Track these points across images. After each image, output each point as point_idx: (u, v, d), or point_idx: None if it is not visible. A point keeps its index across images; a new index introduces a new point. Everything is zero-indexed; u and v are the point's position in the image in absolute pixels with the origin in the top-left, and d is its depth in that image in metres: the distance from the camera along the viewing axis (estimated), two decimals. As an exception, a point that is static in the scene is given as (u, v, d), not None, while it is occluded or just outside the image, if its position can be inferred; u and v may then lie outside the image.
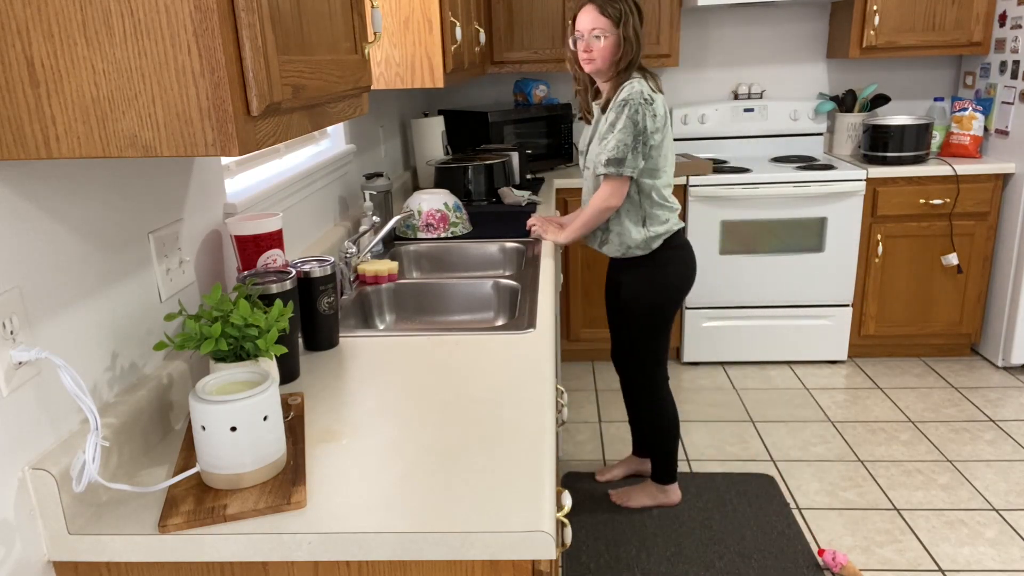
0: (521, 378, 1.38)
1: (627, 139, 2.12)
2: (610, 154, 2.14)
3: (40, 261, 0.98)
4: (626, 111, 2.12)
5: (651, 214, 2.27)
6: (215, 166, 1.47)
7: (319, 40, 1.04)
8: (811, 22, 3.86)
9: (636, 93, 2.12)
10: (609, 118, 2.16)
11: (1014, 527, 2.44)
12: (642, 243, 2.28)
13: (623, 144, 2.13)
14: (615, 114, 2.14)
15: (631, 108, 2.11)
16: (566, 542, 1.19)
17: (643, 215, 2.27)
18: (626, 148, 2.13)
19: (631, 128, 2.12)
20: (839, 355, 3.67)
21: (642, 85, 2.14)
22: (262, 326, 1.16)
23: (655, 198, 2.27)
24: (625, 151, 2.13)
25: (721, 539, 2.41)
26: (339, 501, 1.01)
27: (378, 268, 1.99)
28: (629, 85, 2.15)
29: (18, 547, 0.94)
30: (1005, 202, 3.45)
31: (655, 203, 2.27)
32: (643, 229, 2.28)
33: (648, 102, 2.13)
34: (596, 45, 2.16)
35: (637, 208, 2.27)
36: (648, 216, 2.27)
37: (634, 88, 2.13)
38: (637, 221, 2.28)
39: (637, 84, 2.14)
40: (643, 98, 2.12)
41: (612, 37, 2.15)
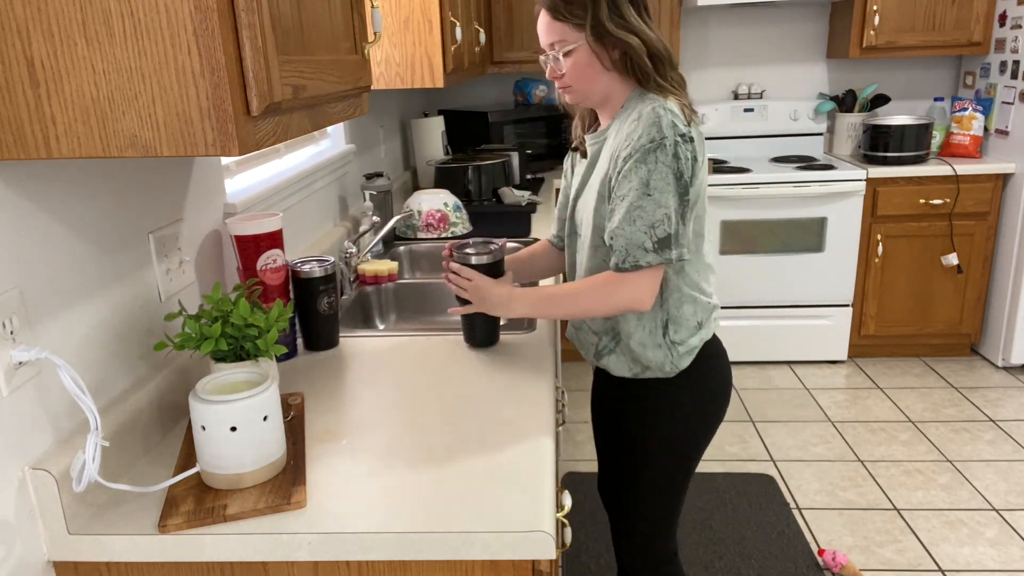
0: (521, 378, 1.38)
1: (671, 202, 1.30)
2: (658, 231, 1.30)
3: (40, 261, 0.98)
4: (660, 158, 1.29)
5: (676, 315, 1.42)
6: (215, 166, 1.47)
7: (319, 40, 1.04)
8: (811, 22, 3.86)
9: (667, 124, 1.29)
10: (636, 173, 1.30)
11: (1014, 527, 2.44)
12: (664, 362, 1.43)
13: (672, 211, 1.30)
14: (645, 168, 1.29)
15: (666, 152, 1.29)
16: (566, 542, 1.19)
17: (663, 319, 1.42)
18: (676, 218, 1.31)
19: (674, 184, 1.30)
20: (839, 355, 3.67)
21: (673, 109, 1.32)
22: (262, 326, 1.16)
23: (684, 288, 1.41)
24: (676, 223, 1.31)
25: (721, 539, 2.41)
26: (339, 501, 1.01)
27: (378, 268, 1.99)
28: (652, 111, 1.31)
29: (18, 547, 0.94)
30: (1005, 202, 3.45)
31: (685, 296, 1.42)
32: (663, 341, 1.42)
33: (686, 138, 1.31)
34: (561, 67, 1.39)
35: (656, 307, 1.41)
36: (672, 319, 1.41)
37: (663, 115, 1.30)
38: (654, 327, 1.42)
39: (664, 108, 1.31)
40: (679, 134, 1.30)
41: (581, 49, 1.36)
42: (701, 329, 1.44)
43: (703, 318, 1.45)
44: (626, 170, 1.31)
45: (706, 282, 1.46)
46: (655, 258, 1.31)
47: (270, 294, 1.44)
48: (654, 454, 1.51)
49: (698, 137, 1.35)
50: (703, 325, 1.45)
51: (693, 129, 1.34)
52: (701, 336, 1.44)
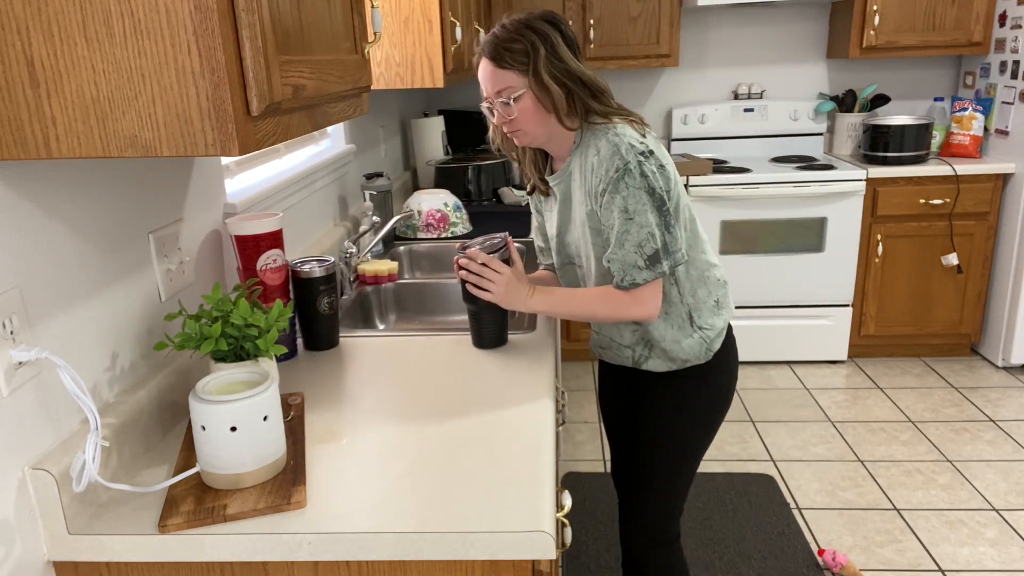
0: (522, 378, 1.38)
1: (651, 218, 1.38)
2: (648, 249, 1.39)
3: (40, 261, 0.98)
4: (629, 182, 1.37)
5: (697, 303, 1.53)
6: (215, 166, 1.47)
7: (319, 40, 1.04)
8: (811, 22, 3.86)
9: (626, 149, 1.38)
10: (614, 205, 1.39)
11: (1014, 527, 2.44)
12: (700, 350, 1.53)
13: (650, 228, 1.38)
14: (620, 198, 1.38)
15: (632, 175, 1.37)
16: (566, 542, 1.19)
17: (686, 311, 1.52)
18: (660, 231, 1.39)
19: (648, 201, 1.38)
20: (839, 355, 3.67)
21: (626, 132, 1.41)
22: (262, 326, 1.16)
23: (692, 273, 1.53)
24: (661, 236, 1.39)
25: (721, 539, 2.41)
26: (339, 501, 1.01)
27: (378, 268, 1.99)
28: (607, 141, 1.40)
29: (18, 547, 0.94)
30: (1005, 202, 3.45)
31: (695, 281, 1.53)
32: (691, 331, 1.52)
33: (645, 153, 1.39)
34: (510, 112, 1.44)
35: (678, 304, 1.52)
36: (694, 309, 1.52)
37: (620, 142, 1.39)
38: (682, 322, 1.52)
39: (617, 135, 1.40)
40: (638, 153, 1.38)
41: (527, 94, 1.42)
42: (721, 308, 1.56)
43: (719, 295, 1.56)
44: (605, 203, 1.41)
45: (704, 253, 1.56)
46: (649, 274, 1.41)
47: (270, 294, 1.44)
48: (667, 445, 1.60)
49: (656, 146, 1.43)
50: (721, 303, 1.56)
51: (650, 141, 1.42)
52: (724, 316, 1.56)
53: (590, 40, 3.59)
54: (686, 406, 1.58)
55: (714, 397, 1.59)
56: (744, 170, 3.55)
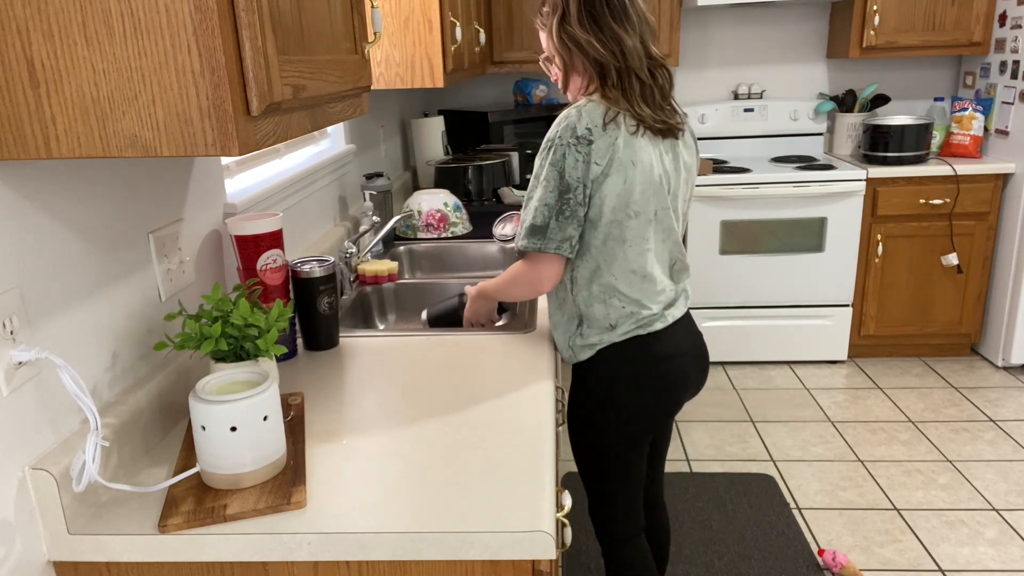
0: (521, 378, 1.38)
1: (549, 197, 1.40)
2: (529, 219, 1.43)
3: (40, 261, 0.98)
4: (549, 156, 1.40)
5: (589, 314, 1.49)
6: (215, 166, 1.47)
7: (319, 40, 1.04)
8: (811, 22, 3.86)
9: (566, 129, 1.39)
10: (535, 167, 1.46)
11: (1014, 527, 2.44)
12: (564, 348, 1.56)
13: (543, 205, 1.40)
14: (538, 162, 1.44)
15: (555, 150, 1.39)
16: (566, 542, 1.19)
17: (577, 312, 1.51)
18: (548, 210, 1.40)
19: (555, 180, 1.39)
20: (839, 355, 3.67)
21: (584, 115, 1.39)
22: (262, 326, 1.16)
23: (597, 292, 1.47)
24: (547, 215, 1.40)
25: (721, 539, 2.41)
26: (339, 501, 1.01)
27: (378, 268, 1.99)
28: (563, 115, 1.42)
29: (18, 547, 0.94)
30: (1005, 202, 3.45)
31: (597, 297, 1.48)
32: (573, 331, 1.53)
33: (583, 141, 1.37)
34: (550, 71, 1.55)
35: (571, 302, 1.51)
36: (585, 316, 1.50)
37: (567, 122, 1.40)
38: (571, 317, 1.52)
39: (575, 110, 1.41)
40: (574, 136, 1.37)
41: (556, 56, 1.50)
42: (613, 330, 1.49)
43: (616, 321, 1.49)
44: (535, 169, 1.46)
45: (629, 287, 1.47)
46: (524, 244, 1.44)
47: (270, 294, 1.44)
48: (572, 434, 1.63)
49: (606, 143, 1.38)
50: (616, 327, 1.49)
51: (602, 134, 1.38)
52: (609, 337, 1.49)
53: (590, 40, 3.58)
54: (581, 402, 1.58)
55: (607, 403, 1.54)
56: (744, 170, 3.55)
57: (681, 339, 1.55)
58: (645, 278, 1.48)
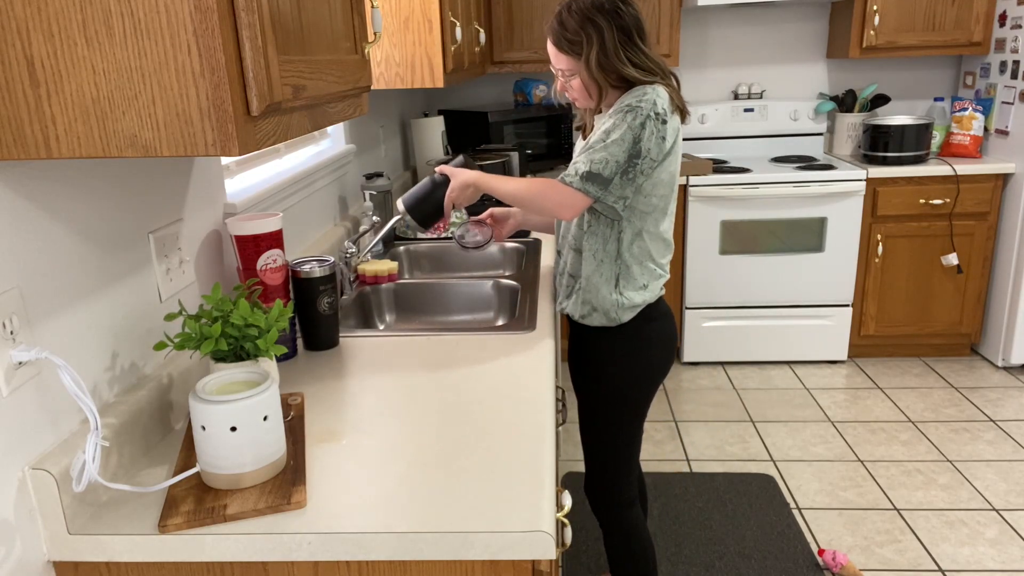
0: (521, 378, 1.38)
1: (620, 155, 1.52)
2: (594, 166, 1.53)
3: (40, 261, 0.98)
4: (628, 119, 1.52)
5: (629, 274, 1.65)
6: (215, 166, 1.47)
7: (319, 40, 1.04)
8: (811, 22, 3.86)
9: (649, 103, 1.52)
10: (605, 124, 1.56)
11: (1014, 527, 2.44)
12: (610, 310, 1.67)
13: (613, 161, 1.52)
14: (613, 120, 1.54)
15: (636, 117, 1.52)
16: (566, 542, 1.19)
17: (616, 272, 1.65)
18: (616, 167, 1.52)
19: (630, 143, 1.52)
20: (839, 355, 3.67)
21: (660, 96, 1.55)
22: (262, 326, 1.16)
23: (637, 253, 1.64)
24: (615, 170, 1.52)
25: (721, 539, 2.41)
26: (339, 501, 1.01)
27: (378, 268, 1.99)
28: (642, 91, 1.55)
29: (18, 547, 0.94)
30: (1005, 202, 3.45)
31: (637, 259, 1.64)
32: (614, 291, 1.66)
33: (660, 119, 1.53)
34: (570, 86, 1.66)
35: (612, 261, 1.65)
36: (623, 275, 1.65)
37: (647, 96, 1.53)
38: (608, 278, 1.66)
39: (653, 93, 1.54)
40: (655, 111, 1.52)
41: (581, 74, 1.61)
42: (645, 291, 1.67)
43: (648, 281, 1.67)
44: (601, 122, 1.58)
45: (658, 253, 1.68)
46: (578, 183, 1.54)
47: (270, 294, 1.44)
48: (602, 400, 1.73)
49: (673, 125, 1.58)
50: (647, 287, 1.67)
51: (671, 117, 1.57)
52: (644, 297, 1.67)
53: (590, 40, 3.59)
54: (614, 366, 1.70)
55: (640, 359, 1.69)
56: (744, 170, 3.55)
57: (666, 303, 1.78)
58: (667, 245, 1.70)
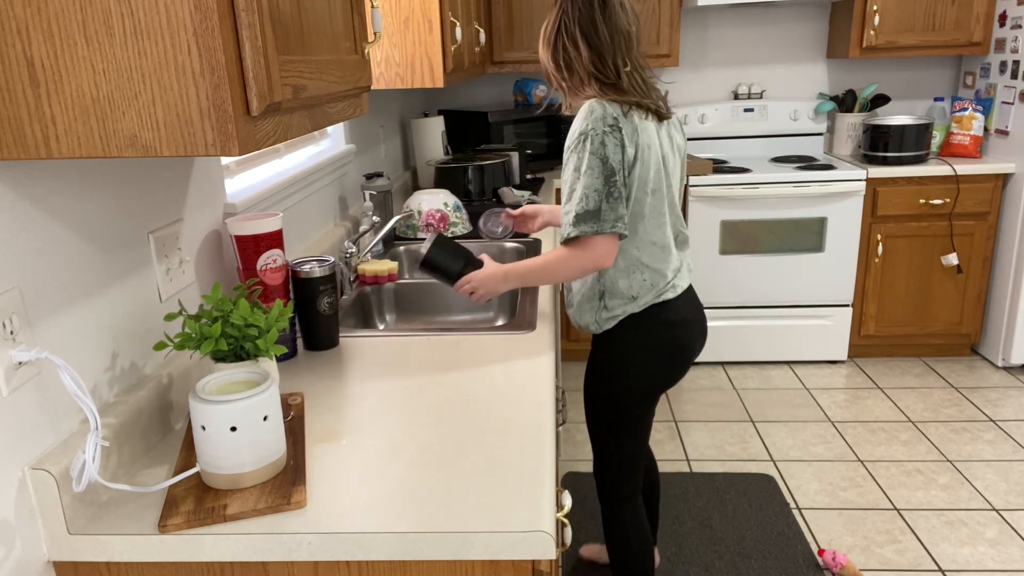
0: (521, 378, 1.38)
1: (596, 183, 1.51)
2: (578, 206, 1.52)
3: (40, 261, 0.98)
4: (588, 147, 1.51)
5: (614, 288, 1.64)
6: (215, 166, 1.47)
7: (319, 40, 1.04)
8: (811, 22, 3.87)
9: (596, 119, 1.51)
10: (571, 162, 1.55)
11: (1014, 527, 2.44)
12: (591, 323, 1.70)
13: (591, 191, 1.51)
14: (576, 156, 1.54)
15: (592, 141, 1.51)
16: (566, 542, 1.19)
17: (601, 288, 1.66)
18: (598, 196, 1.51)
19: (599, 167, 1.51)
20: (839, 355, 3.67)
21: (602, 107, 1.52)
22: (262, 326, 1.16)
23: (623, 266, 1.63)
24: (598, 200, 1.51)
25: (721, 539, 2.41)
26: (339, 501, 1.01)
27: (378, 268, 1.99)
28: (587, 109, 1.54)
29: (18, 547, 0.94)
30: (1005, 202, 3.45)
31: (624, 272, 1.63)
32: (596, 305, 1.67)
33: (613, 128, 1.51)
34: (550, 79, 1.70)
35: (595, 279, 1.67)
36: (608, 291, 1.65)
37: (593, 113, 1.52)
38: (593, 294, 1.68)
39: (598, 106, 1.53)
40: (606, 125, 1.51)
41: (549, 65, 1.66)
42: (634, 301, 1.65)
43: (638, 292, 1.65)
44: (567, 159, 1.58)
45: (653, 259, 1.64)
46: (579, 230, 1.53)
47: (270, 294, 1.44)
48: (588, 401, 1.78)
49: (630, 127, 1.54)
50: (637, 298, 1.65)
51: (626, 122, 1.54)
52: (627, 309, 1.66)
53: (590, 40, 3.59)
54: (601, 370, 1.73)
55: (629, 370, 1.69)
56: (744, 170, 3.55)
57: (687, 309, 1.72)
58: (664, 248, 1.66)
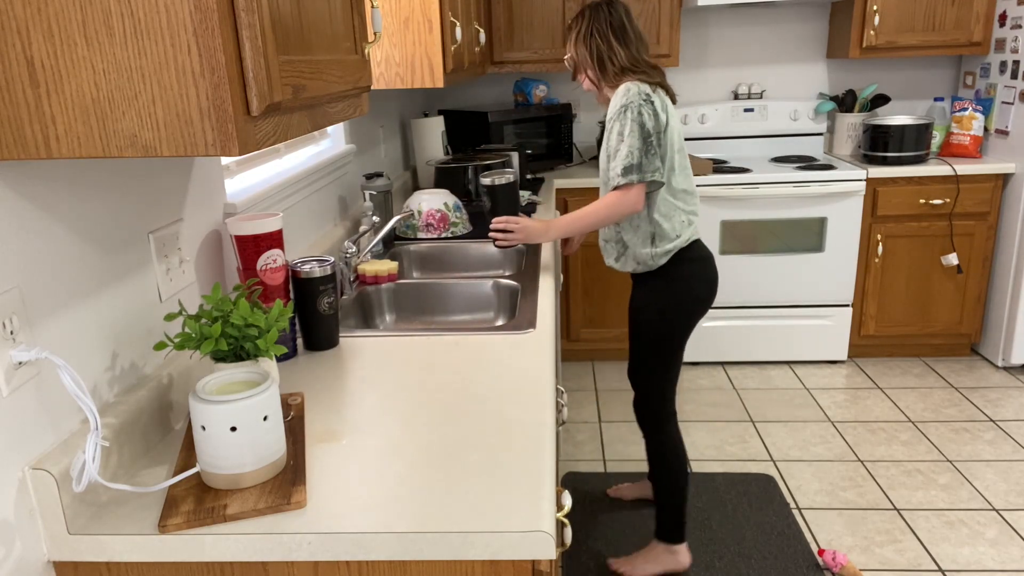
0: (521, 378, 1.38)
1: (637, 142, 1.95)
2: (624, 162, 1.96)
3: (40, 261, 0.98)
4: (629, 116, 1.96)
5: (660, 230, 2.06)
6: (215, 166, 1.47)
7: (319, 40, 1.04)
8: (811, 22, 3.87)
9: (634, 95, 1.96)
10: (615, 129, 1.99)
11: (1014, 527, 2.44)
12: (648, 259, 2.09)
13: (634, 149, 1.95)
14: (619, 123, 1.98)
15: (632, 111, 1.96)
16: (566, 542, 1.19)
17: (651, 232, 2.07)
18: (639, 152, 1.95)
19: (638, 131, 1.95)
20: (839, 355, 3.67)
21: (639, 85, 1.99)
22: (262, 326, 1.16)
23: (665, 210, 2.06)
24: (639, 155, 1.95)
25: (721, 539, 2.41)
26: (339, 501, 1.01)
27: (378, 268, 1.99)
28: (625, 89, 1.99)
29: (18, 547, 0.94)
30: (1005, 202, 3.45)
31: (664, 215, 2.06)
32: (650, 247, 2.08)
33: (648, 101, 1.96)
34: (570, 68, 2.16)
35: (646, 222, 2.07)
36: (657, 233, 2.06)
37: (630, 91, 1.98)
38: (645, 238, 2.08)
39: (633, 85, 1.99)
40: (642, 98, 1.96)
41: (576, 57, 2.10)
42: (679, 239, 2.08)
43: (680, 231, 2.08)
44: (609, 129, 2.03)
45: (684, 202, 2.09)
46: (622, 180, 1.97)
47: (270, 294, 1.44)
48: (642, 328, 2.15)
49: (659, 101, 2.01)
50: (680, 235, 2.08)
51: (655, 96, 2.00)
52: (676, 244, 2.08)
53: (590, 40, 3.59)
54: (650, 300, 2.12)
55: (674, 294, 2.10)
56: (744, 170, 3.55)
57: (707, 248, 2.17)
58: (690, 193, 2.11)
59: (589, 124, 4.08)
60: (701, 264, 2.12)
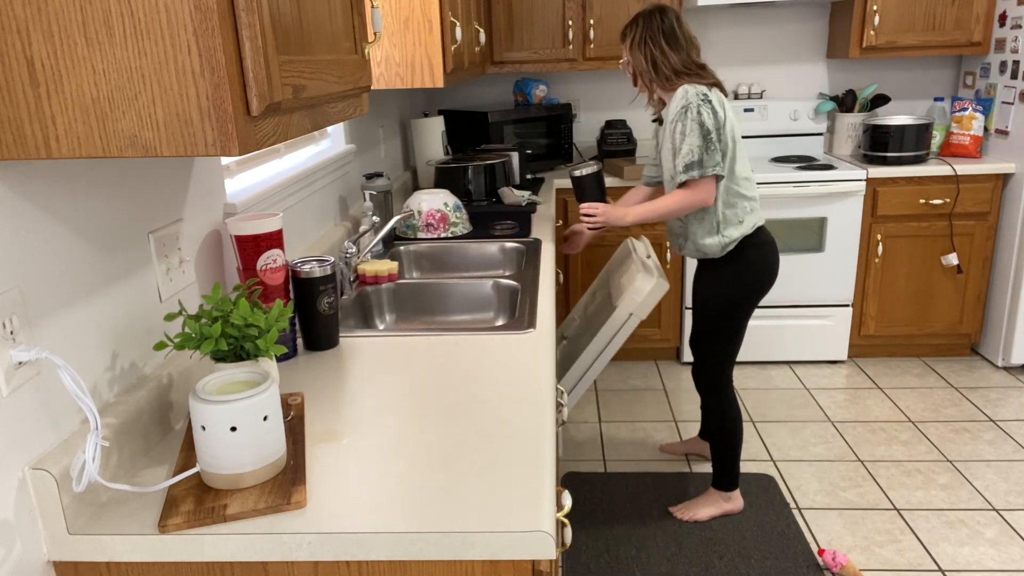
0: (521, 378, 1.38)
1: (697, 140, 2.11)
2: (685, 159, 2.13)
3: (40, 261, 0.98)
4: (689, 116, 2.12)
5: (725, 217, 2.24)
6: (215, 166, 1.47)
7: (319, 40, 1.04)
8: (811, 22, 3.87)
9: (692, 95, 2.12)
10: (677, 128, 2.16)
11: (1014, 527, 2.44)
12: (717, 248, 2.26)
13: (695, 147, 2.12)
14: (681, 123, 2.14)
15: (692, 111, 2.12)
16: (566, 542, 1.19)
17: (716, 220, 2.24)
18: (700, 149, 2.12)
19: (698, 130, 2.11)
20: (839, 355, 3.67)
21: (694, 88, 2.14)
22: (262, 326, 1.16)
23: (728, 198, 2.23)
24: (700, 152, 2.12)
25: (721, 539, 2.41)
26: (339, 501, 1.01)
27: (378, 268, 1.99)
28: (683, 91, 2.15)
29: (18, 547, 0.94)
30: (1005, 202, 3.45)
31: (728, 204, 2.23)
32: (717, 236, 2.25)
33: (705, 100, 2.12)
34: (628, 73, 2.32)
35: (711, 213, 2.24)
36: (722, 221, 2.24)
37: (688, 92, 2.14)
38: (711, 228, 2.25)
39: (691, 87, 2.14)
40: (700, 98, 2.12)
41: (632, 62, 2.26)
42: (742, 225, 2.25)
43: (744, 217, 2.26)
44: (670, 130, 2.20)
45: (746, 189, 2.26)
46: (683, 176, 2.15)
47: (270, 294, 1.44)
48: (707, 312, 2.34)
49: (717, 99, 2.17)
50: (744, 222, 2.26)
51: (712, 94, 2.16)
52: (742, 230, 2.25)
53: (590, 40, 3.59)
54: (715, 284, 2.31)
55: (738, 279, 2.27)
56: (744, 170, 3.54)
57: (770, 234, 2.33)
58: (750, 181, 2.28)
59: (589, 124, 4.08)
60: (766, 249, 2.28)
